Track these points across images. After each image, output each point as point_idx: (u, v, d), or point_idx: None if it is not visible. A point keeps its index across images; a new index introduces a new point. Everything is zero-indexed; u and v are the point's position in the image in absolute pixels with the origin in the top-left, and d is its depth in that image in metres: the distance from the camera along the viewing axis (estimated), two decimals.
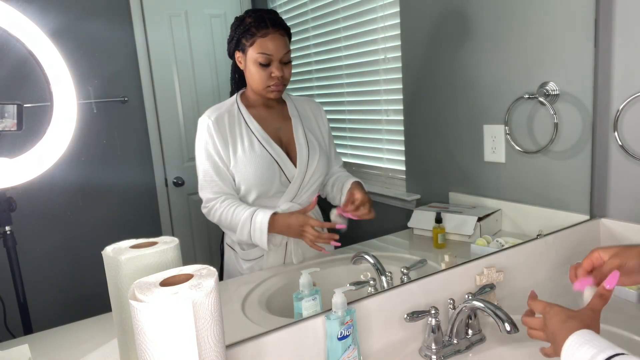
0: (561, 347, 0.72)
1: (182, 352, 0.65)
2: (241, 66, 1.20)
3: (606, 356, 0.65)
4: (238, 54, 1.19)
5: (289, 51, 1.18)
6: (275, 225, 1.17)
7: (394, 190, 1.53)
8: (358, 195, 1.22)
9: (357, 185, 1.28)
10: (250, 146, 1.19)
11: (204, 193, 1.19)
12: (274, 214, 1.17)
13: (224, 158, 1.18)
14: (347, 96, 1.50)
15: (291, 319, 1.01)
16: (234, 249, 1.26)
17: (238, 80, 1.24)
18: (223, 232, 1.28)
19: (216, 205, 1.18)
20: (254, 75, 1.18)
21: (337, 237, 1.18)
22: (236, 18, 1.17)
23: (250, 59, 1.16)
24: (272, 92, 1.19)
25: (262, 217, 1.16)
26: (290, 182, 1.22)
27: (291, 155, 1.23)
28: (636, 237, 1.39)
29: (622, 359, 0.64)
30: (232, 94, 1.24)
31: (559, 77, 1.43)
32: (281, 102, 1.28)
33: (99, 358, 0.89)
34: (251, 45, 1.15)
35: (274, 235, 1.20)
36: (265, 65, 1.16)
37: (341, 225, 1.20)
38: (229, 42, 1.19)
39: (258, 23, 1.14)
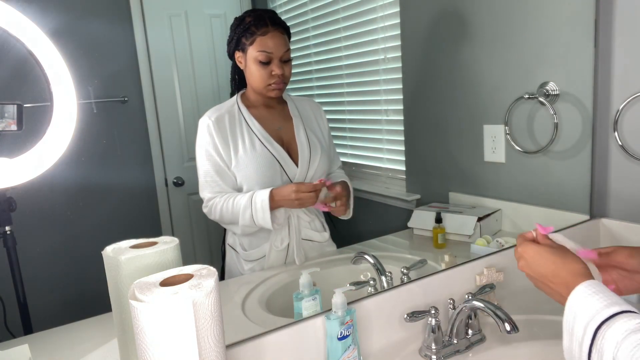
0: (566, 288, 0.71)
1: (182, 352, 0.65)
2: (241, 66, 1.20)
3: (614, 312, 0.63)
4: (238, 54, 1.19)
5: (288, 49, 1.19)
6: (274, 199, 1.17)
7: (394, 190, 1.53)
8: (337, 189, 1.23)
9: (342, 182, 1.29)
10: (251, 145, 1.19)
11: (204, 193, 1.19)
12: (271, 190, 1.18)
13: (225, 158, 1.18)
14: (347, 96, 1.50)
15: (291, 319, 1.01)
16: (235, 250, 1.26)
17: (238, 81, 1.24)
18: (224, 233, 1.28)
19: (216, 201, 1.18)
20: (254, 74, 1.18)
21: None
22: (236, 18, 1.17)
23: (251, 58, 1.17)
24: (273, 90, 1.19)
25: (262, 196, 1.17)
26: (292, 181, 1.22)
27: (292, 155, 1.23)
28: (636, 237, 1.39)
29: (630, 317, 0.62)
30: (232, 95, 1.24)
31: (559, 77, 1.43)
32: (282, 102, 1.28)
33: (99, 358, 0.89)
34: (251, 44, 1.16)
35: (277, 215, 1.20)
36: (265, 63, 1.16)
37: (329, 181, 1.23)
38: (229, 42, 1.19)
39: (258, 22, 1.15)
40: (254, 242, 1.24)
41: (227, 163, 1.18)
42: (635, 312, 0.63)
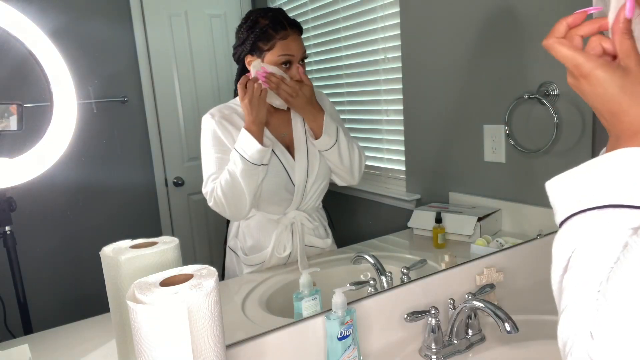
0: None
1: (181, 352, 0.65)
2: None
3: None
4: (250, 58, 1.15)
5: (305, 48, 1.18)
6: (247, 124, 1.11)
7: (394, 190, 1.53)
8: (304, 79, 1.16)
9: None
10: None
11: (208, 186, 1.15)
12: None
13: (230, 148, 1.15)
14: (347, 96, 1.50)
15: (291, 319, 1.01)
16: (236, 253, 1.26)
17: None
18: (226, 234, 1.28)
19: (216, 184, 1.14)
20: None
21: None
22: (247, 20, 1.15)
23: (270, 62, 1.14)
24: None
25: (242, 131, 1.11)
26: (287, 171, 1.21)
27: (291, 150, 1.23)
28: None
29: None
30: (235, 96, 1.24)
31: (559, 77, 1.43)
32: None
33: (99, 358, 0.89)
34: (270, 48, 1.13)
35: (267, 151, 1.13)
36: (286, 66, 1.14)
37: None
38: (239, 45, 1.16)
39: (275, 25, 1.13)
40: (256, 246, 1.23)
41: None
42: None
